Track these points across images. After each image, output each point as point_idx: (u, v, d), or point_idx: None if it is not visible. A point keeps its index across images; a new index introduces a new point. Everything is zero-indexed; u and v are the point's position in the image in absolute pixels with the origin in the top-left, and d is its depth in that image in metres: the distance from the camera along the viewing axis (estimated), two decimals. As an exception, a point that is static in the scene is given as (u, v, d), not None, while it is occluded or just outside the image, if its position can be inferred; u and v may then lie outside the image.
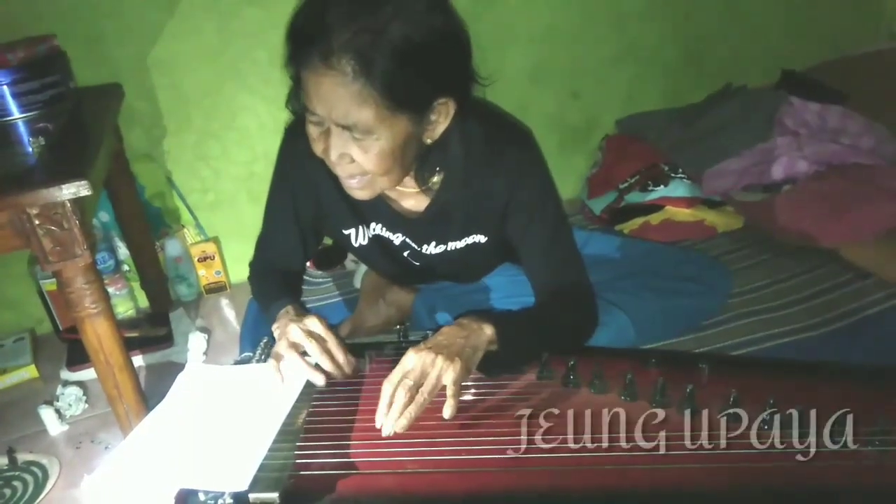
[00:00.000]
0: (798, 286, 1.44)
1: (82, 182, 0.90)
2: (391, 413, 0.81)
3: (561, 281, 1.04)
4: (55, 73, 1.29)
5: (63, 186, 0.89)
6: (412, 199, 1.05)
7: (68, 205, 0.92)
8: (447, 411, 0.83)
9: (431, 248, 1.11)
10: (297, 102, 0.91)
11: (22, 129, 1.20)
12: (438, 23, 0.82)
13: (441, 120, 0.89)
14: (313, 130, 0.89)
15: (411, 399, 0.82)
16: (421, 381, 0.83)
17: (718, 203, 1.72)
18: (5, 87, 1.23)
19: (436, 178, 1.00)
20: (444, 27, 0.83)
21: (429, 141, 0.91)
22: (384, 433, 0.81)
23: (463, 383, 0.87)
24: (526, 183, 1.00)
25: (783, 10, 2.00)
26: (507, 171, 0.99)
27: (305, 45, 0.81)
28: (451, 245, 1.10)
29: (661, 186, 1.72)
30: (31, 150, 1.04)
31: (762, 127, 1.72)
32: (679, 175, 1.74)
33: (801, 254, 1.53)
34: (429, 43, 0.81)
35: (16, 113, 1.24)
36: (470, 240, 1.09)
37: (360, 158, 0.87)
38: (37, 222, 0.91)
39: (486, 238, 1.09)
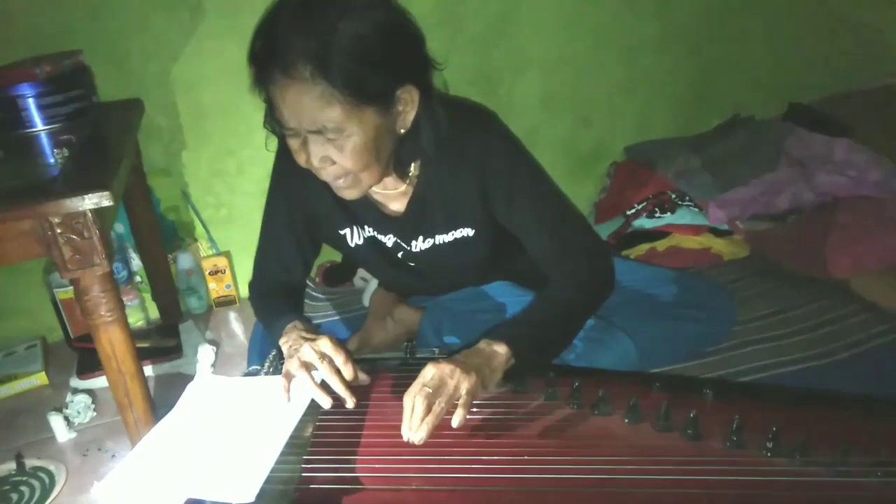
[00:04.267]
0: (803, 316, 1.44)
1: (104, 193, 0.93)
2: (412, 421, 0.83)
3: (563, 250, 1.06)
4: (79, 87, 1.33)
5: (85, 197, 0.92)
6: (397, 202, 1.10)
7: (90, 215, 0.94)
8: (456, 420, 0.84)
9: (420, 244, 1.13)
10: (274, 122, 0.95)
11: (45, 140, 1.24)
12: (381, 17, 0.87)
13: (408, 108, 0.94)
14: (293, 143, 0.94)
15: (429, 409, 0.83)
16: (439, 391, 0.85)
17: (725, 231, 1.74)
18: (30, 100, 1.27)
19: (413, 169, 1.05)
20: (390, 20, 0.88)
21: (402, 131, 0.96)
22: (414, 442, 0.82)
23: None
24: (493, 161, 1.03)
25: (791, 44, 2.03)
26: (474, 154, 1.03)
27: (265, 65, 0.87)
28: (439, 238, 1.12)
29: (669, 213, 1.74)
30: (54, 160, 1.07)
31: (769, 157, 1.74)
32: (686, 203, 1.75)
33: (806, 284, 1.54)
34: (376, 37, 0.86)
35: (39, 125, 1.28)
36: (458, 233, 1.11)
37: (338, 158, 0.91)
38: (58, 231, 0.94)
39: (474, 231, 1.11)
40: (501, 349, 0.93)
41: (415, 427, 0.82)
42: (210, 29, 1.57)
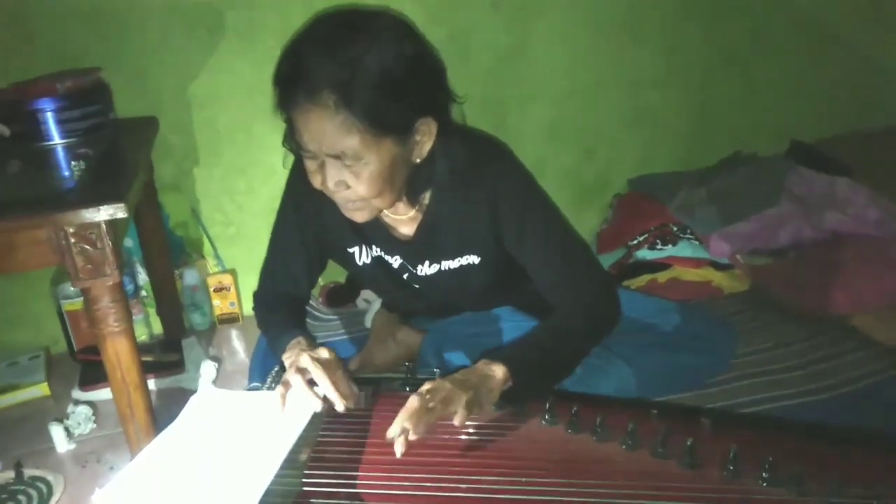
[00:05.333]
0: (802, 351, 1.45)
1: (119, 205, 0.95)
2: (399, 416, 0.83)
3: (570, 281, 1.07)
4: (97, 103, 1.36)
5: (101, 208, 0.95)
6: (406, 226, 1.11)
7: (103, 226, 0.97)
8: (457, 419, 0.85)
9: (426, 269, 1.15)
10: (293, 142, 0.98)
11: (61, 153, 1.27)
12: (408, 51, 0.90)
13: (425, 139, 0.96)
14: (310, 164, 0.96)
15: (423, 409, 0.83)
16: (434, 397, 0.86)
17: (725, 265, 1.75)
18: (49, 114, 1.30)
19: (425, 196, 1.07)
20: (414, 54, 0.91)
21: (417, 160, 0.98)
22: (388, 435, 0.82)
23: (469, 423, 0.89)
24: (507, 197, 1.05)
25: (794, 84, 2.07)
26: (487, 186, 1.04)
27: (290, 88, 0.89)
28: (445, 265, 1.14)
29: (670, 246, 1.76)
30: (70, 173, 1.10)
31: (770, 193, 1.77)
32: (687, 236, 1.77)
33: (805, 319, 1.55)
34: (402, 70, 0.88)
35: (57, 138, 1.31)
36: (464, 260, 1.13)
37: (353, 184, 0.93)
38: (73, 240, 0.96)
39: (480, 259, 1.12)
40: (500, 370, 0.93)
41: (401, 419, 0.82)
42: (227, 50, 1.61)
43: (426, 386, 0.88)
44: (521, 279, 1.14)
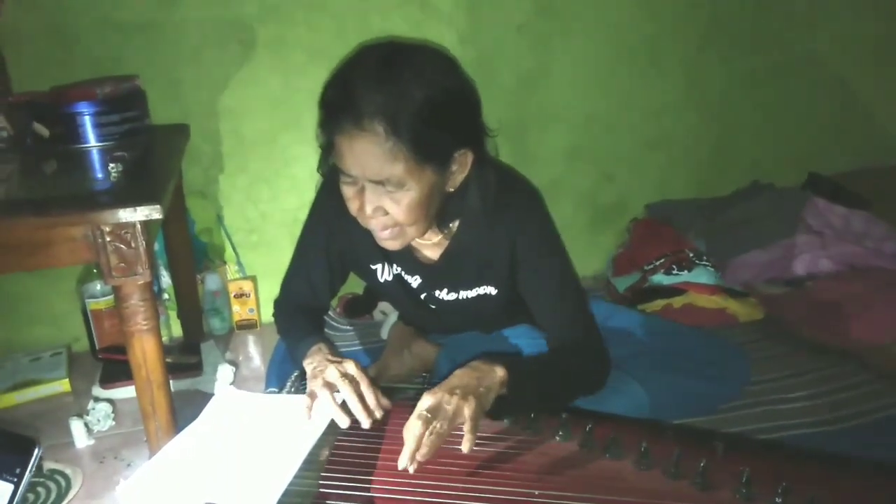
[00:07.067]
0: (815, 381, 1.45)
1: (155, 206, 0.98)
2: (407, 445, 0.85)
3: (570, 330, 1.10)
4: (134, 109, 1.40)
5: (137, 208, 0.98)
6: (430, 250, 1.14)
7: (139, 226, 1.00)
8: (465, 445, 0.86)
9: (444, 295, 1.18)
10: (326, 165, 1.02)
11: (97, 156, 1.31)
12: (451, 84, 0.94)
13: (461, 169, 0.99)
14: (347, 190, 0.98)
15: (428, 432, 0.85)
16: (437, 415, 0.87)
17: (741, 293, 1.76)
18: (87, 117, 1.34)
19: (453, 225, 1.10)
20: (457, 87, 0.95)
21: (451, 189, 1.01)
22: (400, 466, 0.84)
23: (486, 434, 0.91)
24: (529, 236, 1.09)
25: (814, 116, 2.09)
26: (512, 223, 1.08)
27: (338, 114, 0.92)
28: (463, 294, 1.17)
29: (686, 272, 1.77)
30: (107, 174, 1.14)
31: (787, 224, 1.78)
32: (703, 262, 1.78)
33: (819, 350, 1.55)
34: (446, 102, 0.92)
35: (93, 141, 1.35)
36: (481, 290, 1.16)
37: (392, 210, 0.96)
38: (108, 239, 0.99)
39: (497, 290, 1.16)
40: (500, 371, 0.95)
41: (409, 449, 0.84)
42: (257, 63, 1.66)
43: (426, 402, 0.88)
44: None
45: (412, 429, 0.85)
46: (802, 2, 1.98)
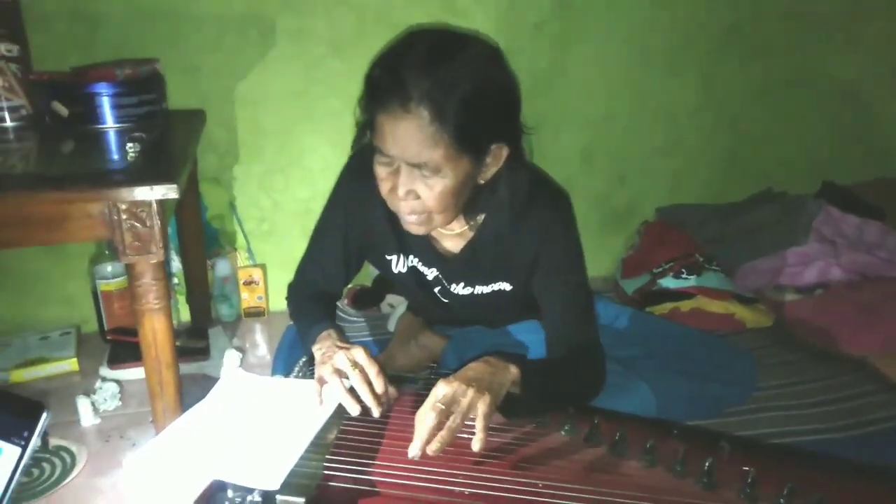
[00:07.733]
0: (822, 389, 1.44)
1: (172, 185, 0.99)
2: (418, 433, 0.84)
3: (575, 339, 1.10)
4: (152, 92, 1.42)
5: (154, 187, 0.99)
6: (451, 241, 1.14)
7: (154, 205, 1.00)
8: (476, 444, 0.86)
9: (460, 289, 1.17)
10: (360, 143, 1.02)
11: (114, 136, 1.32)
12: (498, 77, 0.94)
13: (494, 162, 0.99)
14: (381, 171, 0.98)
15: (441, 424, 0.85)
16: (452, 408, 0.87)
17: (750, 299, 1.75)
18: (106, 98, 1.35)
19: (479, 218, 1.10)
20: (502, 81, 0.95)
21: (482, 181, 1.01)
22: (410, 454, 0.84)
23: (492, 425, 0.91)
24: (555, 241, 1.08)
25: (829, 125, 2.09)
26: (540, 225, 1.08)
27: (384, 93, 0.92)
28: (479, 289, 1.17)
29: (695, 276, 1.77)
30: (124, 154, 1.15)
31: (799, 231, 1.78)
32: (713, 267, 1.78)
33: (828, 358, 1.54)
34: (491, 93, 0.93)
35: (111, 122, 1.36)
36: (497, 286, 1.16)
37: (425, 195, 0.96)
38: (124, 216, 1.00)
39: (512, 287, 1.15)
40: (514, 369, 0.95)
41: (421, 439, 0.84)
42: (276, 54, 1.67)
43: (441, 390, 0.88)
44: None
45: (426, 420, 0.85)
46: (820, 12, 1.97)
